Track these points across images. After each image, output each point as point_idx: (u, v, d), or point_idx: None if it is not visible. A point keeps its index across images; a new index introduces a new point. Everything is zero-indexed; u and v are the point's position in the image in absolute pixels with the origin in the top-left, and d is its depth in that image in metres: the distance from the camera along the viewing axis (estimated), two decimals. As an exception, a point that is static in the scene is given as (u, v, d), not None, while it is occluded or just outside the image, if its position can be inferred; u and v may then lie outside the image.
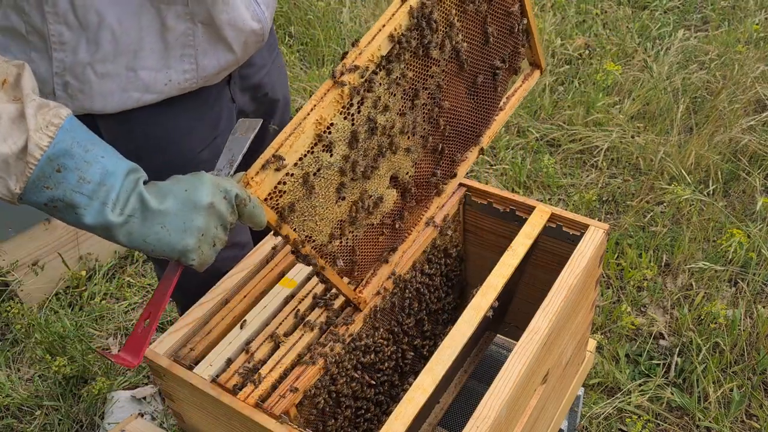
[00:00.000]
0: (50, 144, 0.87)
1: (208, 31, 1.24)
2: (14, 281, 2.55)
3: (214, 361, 1.25)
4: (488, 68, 1.38)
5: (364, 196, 1.22)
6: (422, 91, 1.23)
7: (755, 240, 2.61)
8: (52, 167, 0.88)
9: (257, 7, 1.31)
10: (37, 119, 0.87)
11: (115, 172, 0.91)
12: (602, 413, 2.15)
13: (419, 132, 1.27)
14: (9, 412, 2.32)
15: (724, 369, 2.26)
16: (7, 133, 0.85)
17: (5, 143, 0.85)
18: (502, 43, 1.39)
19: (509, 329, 1.83)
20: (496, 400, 1.17)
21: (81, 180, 0.89)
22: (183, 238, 0.95)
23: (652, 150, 3.06)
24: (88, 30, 1.14)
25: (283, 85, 1.61)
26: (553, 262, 1.52)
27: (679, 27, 3.86)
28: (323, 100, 1.07)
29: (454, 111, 1.35)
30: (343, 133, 1.11)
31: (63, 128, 0.88)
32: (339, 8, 4.12)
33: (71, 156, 0.88)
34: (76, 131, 0.90)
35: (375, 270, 1.37)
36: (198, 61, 1.25)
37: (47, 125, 0.87)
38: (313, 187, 1.10)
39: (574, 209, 2.85)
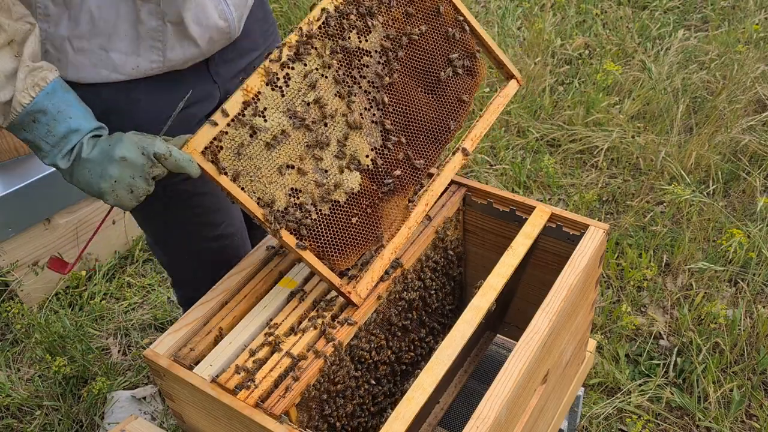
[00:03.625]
0: (30, 102, 1.16)
1: (177, 29, 1.33)
2: (14, 281, 2.55)
3: (214, 361, 1.26)
4: (439, 66, 1.49)
5: (320, 172, 1.33)
6: (361, 80, 1.37)
7: (755, 240, 2.61)
8: (29, 118, 1.18)
9: (225, 7, 1.38)
10: (26, 81, 1.16)
11: (79, 130, 1.20)
12: (602, 413, 2.15)
13: (366, 116, 1.39)
14: (9, 412, 2.32)
15: (724, 369, 2.26)
16: (2, 85, 1.15)
17: (1, 92, 1.15)
18: (442, 43, 1.49)
19: (509, 329, 1.83)
20: (496, 400, 1.17)
21: (48, 132, 1.19)
22: (99, 182, 1.20)
23: (652, 150, 3.06)
24: (71, 8, 1.26)
25: None
26: (553, 262, 1.52)
27: (679, 27, 3.86)
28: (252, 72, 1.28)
29: (411, 102, 1.44)
30: (273, 101, 1.29)
31: (45, 90, 1.17)
32: (339, 8, 4.12)
33: (45, 113, 1.17)
34: (55, 94, 1.18)
35: (362, 262, 1.37)
36: (165, 54, 1.35)
37: (33, 86, 1.16)
38: (248, 146, 1.27)
39: (574, 209, 2.85)
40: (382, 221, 1.40)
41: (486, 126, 1.53)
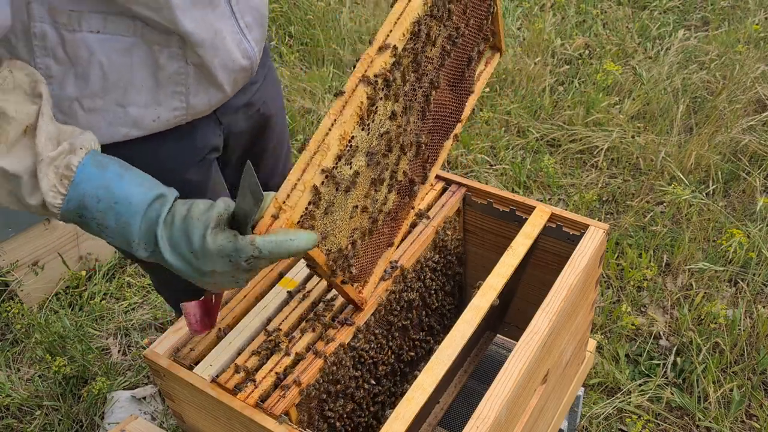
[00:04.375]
0: (63, 202, 0.97)
1: (200, 71, 1.25)
2: (14, 281, 2.55)
3: (214, 361, 1.25)
4: (467, 56, 1.38)
5: (374, 202, 1.22)
6: (419, 91, 1.23)
7: (755, 240, 2.61)
8: (73, 215, 0.99)
9: (248, 44, 1.31)
10: (49, 177, 0.95)
11: (130, 220, 0.98)
12: (602, 413, 2.15)
13: (415, 130, 1.27)
14: (9, 412, 2.32)
15: (724, 369, 2.26)
16: (31, 189, 0.96)
17: (32, 197, 0.97)
18: (478, 29, 1.39)
19: (509, 329, 1.83)
20: (496, 400, 1.17)
21: (100, 226, 0.99)
22: (194, 280, 1.01)
23: (652, 150, 3.06)
24: (78, 65, 1.14)
25: (276, 98, 1.60)
26: (553, 262, 1.52)
27: (679, 27, 3.86)
28: (343, 114, 1.06)
29: (439, 103, 1.35)
30: (362, 144, 1.10)
31: (74, 183, 0.96)
32: (339, 8, 4.12)
33: (85, 208, 0.97)
34: (86, 183, 0.97)
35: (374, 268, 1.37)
36: (188, 100, 1.26)
37: (60, 181, 0.96)
38: (335, 200, 1.09)
39: (574, 209, 2.85)
40: (400, 229, 1.39)
41: (472, 105, 1.47)
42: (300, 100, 3.51)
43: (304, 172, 1.03)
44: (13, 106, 0.95)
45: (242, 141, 1.55)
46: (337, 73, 3.76)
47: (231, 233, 0.96)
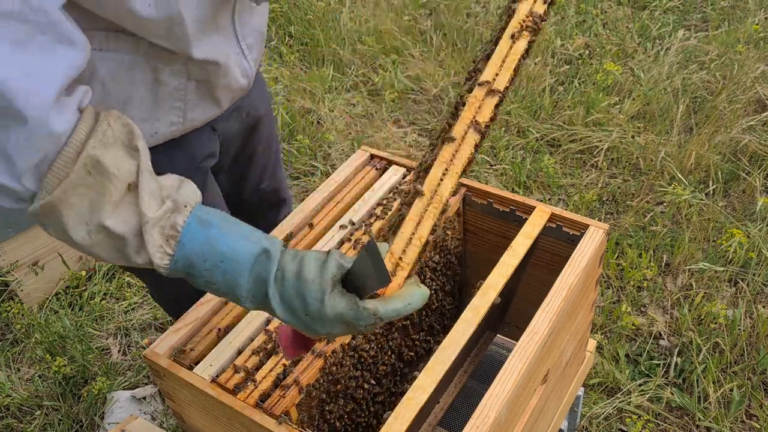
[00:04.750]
0: (171, 262, 0.95)
1: (201, 88, 1.26)
2: (14, 281, 2.55)
3: (214, 361, 1.25)
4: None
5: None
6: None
7: (755, 240, 2.61)
8: (181, 273, 0.97)
9: (247, 65, 1.33)
10: (155, 239, 0.93)
11: (237, 278, 0.95)
12: (602, 413, 2.15)
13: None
14: (9, 412, 2.32)
15: (724, 369, 2.26)
16: (137, 248, 0.94)
17: (139, 256, 0.94)
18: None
19: (509, 329, 1.83)
20: (496, 400, 1.17)
21: (208, 282, 0.97)
22: (306, 333, 0.98)
23: (652, 150, 3.06)
24: (80, 83, 1.15)
25: (264, 98, 1.62)
26: (553, 262, 1.52)
27: (679, 27, 3.86)
28: (453, 163, 1.05)
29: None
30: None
31: (180, 244, 0.94)
32: (339, 8, 4.12)
33: (192, 266, 0.95)
34: (192, 242, 0.95)
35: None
36: (186, 115, 1.27)
37: (166, 240, 0.94)
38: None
39: (574, 209, 2.85)
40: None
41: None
42: (300, 100, 3.51)
43: (418, 225, 1.01)
44: (115, 163, 0.91)
45: (234, 145, 1.56)
46: (337, 74, 3.76)
47: (351, 301, 0.93)
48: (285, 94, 3.58)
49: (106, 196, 0.91)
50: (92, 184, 0.89)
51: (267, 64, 3.77)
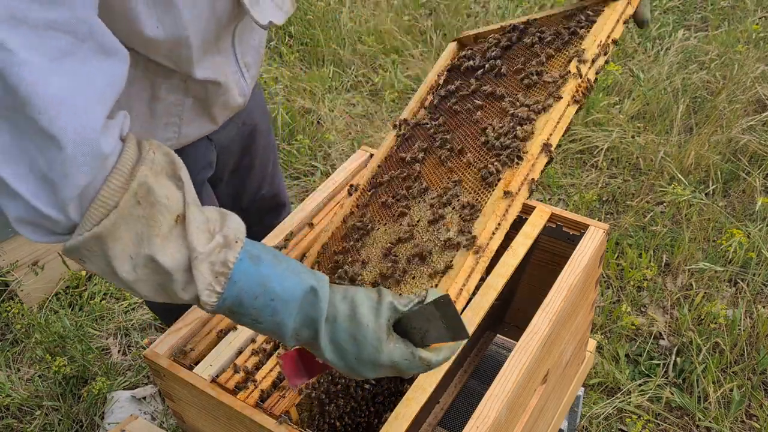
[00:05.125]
0: (219, 300, 0.90)
1: (197, 104, 1.25)
2: (14, 281, 2.55)
3: (214, 361, 1.25)
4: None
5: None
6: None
7: (755, 240, 2.61)
8: (225, 311, 0.92)
9: (244, 83, 1.32)
10: (204, 275, 0.88)
11: (285, 318, 0.91)
12: (602, 413, 2.15)
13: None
14: (9, 412, 2.32)
15: (724, 369, 2.26)
16: (184, 284, 0.89)
17: (185, 292, 0.89)
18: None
19: (509, 329, 1.83)
20: (496, 400, 1.17)
21: (254, 321, 0.92)
22: (354, 377, 0.96)
23: (652, 150, 3.06)
24: None
25: (260, 107, 1.61)
26: (553, 262, 1.52)
27: (678, 27, 3.86)
28: (506, 218, 1.13)
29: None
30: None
31: (231, 281, 0.89)
32: (339, 8, 4.12)
33: (241, 305, 0.90)
34: (243, 280, 0.90)
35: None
36: (181, 130, 1.26)
37: (215, 278, 0.89)
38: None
39: (574, 209, 2.85)
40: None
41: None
42: (300, 100, 3.51)
43: (469, 278, 1.06)
44: (165, 192, 0.87)
45: (232, 155, 1.55)
46: (337, 74, 3.76)
47: (408, 350, 0.92)
48: (285, 94, 3.58)
49: (155, 228, 0.86)
50: (141, 215, 0.85)
51: (267, 64, 3.77)
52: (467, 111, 1.34)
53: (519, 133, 1.19)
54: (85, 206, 0.83)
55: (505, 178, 1.15)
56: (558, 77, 1.23)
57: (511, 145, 1.18)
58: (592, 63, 1.24)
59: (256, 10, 1.10)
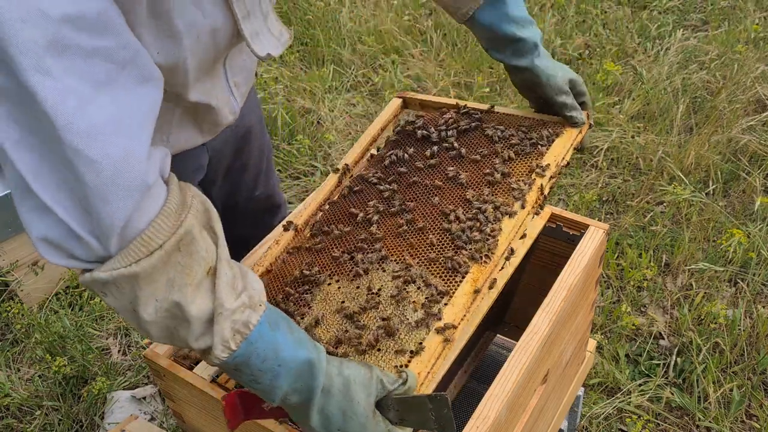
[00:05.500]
0: (230, 356, 0.91)
1: (187, 117, 1.25)
2: (14, 281, 2.55)
3: (214, 361, 1.25)
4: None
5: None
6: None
7: (755, 240, 2.61)
8: (228, 366, 0.92)
9: (234, 102, 1.32)
10: (224, 331, 0.89)
11: (282, 382, 0.93)
12: (602, 413, 2.15)
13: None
14: (9, 412, 2.32)
15: (724, 369, 2.26)
16: (199, 335, 0.90)
17: (197, 342, 0.90)
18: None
19: (509, 329, 1.83)
20: (496, 400, 1.17)
21: (252, 380, 0.94)
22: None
23: (652, 150, 3.06)
24: None
25: (254, 109, 1.61)
26: (553, 262, 1.52)
27: (678, 27, 3.86)
28: (476, 311, 1.18)
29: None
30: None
31: (248, 341, 0.91)
32: (339, 8, 4.12)
33: (247, 365, 0.92)
34: (259, 342, 0.91)
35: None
36: (170, 139, 1.26)
37: (233, 335, 0.90)
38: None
39: (574, 209, 2.85)
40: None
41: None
42: (300, 100, 3.51)
43: (436, 362, 1.10)
44: (204, 245, 0.88)
45: (226, 157, 1.55)
46: (338, 71, 3.76)
47: (386, 428, 0.98)
48: (285, 94, 3.58)
49: (189, 277, 0.87)
50: (179, 262, 0.85)
51: (267, 65, 3.77)
52: (425, 187, 1.37)
53: (489, 230, 1.25)
54: (126, 241, 0.83)
55: (473, 273, 1.20)
56: (523, 186, 1.31)
57: (479, 241, 1.23)
58: (549, 179, 1.34)
59: (256, 43, 1.12)
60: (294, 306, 1.24)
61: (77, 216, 0.80)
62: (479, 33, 1.40)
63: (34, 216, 0.81)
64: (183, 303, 0.87)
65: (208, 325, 0.89)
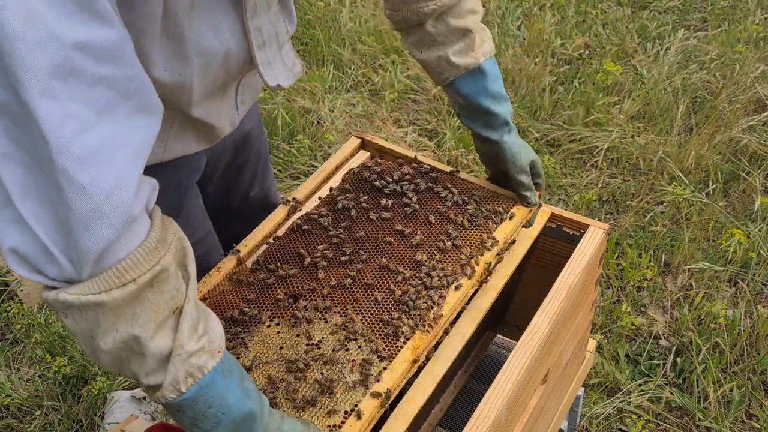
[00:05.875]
0: (176, 398, 0.90)
1: (186, 126, 1.25)
2: (14, 281, 2.55)
3: (214, 361, 1.25)
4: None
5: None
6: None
7: (755, 240, 2.61)
8: (171, 407, 0.92)
9: (236, 116, 1.32)
10: (178, 373, 0.89)
11: (222, 429, 0.94)
12: (602, 413, 2.15)
13: None
14: (9, 412, 2.32)
15: (724, 369, 2.26)
16: (152, 370, 0.89)
17: (147, 378, 0.90)
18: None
19: (509, 329, 1.83)
20: (496, 400, 1.17)
21: (193, 424, 0.93)
22: None
23: (652, 150, 3.06)
24: None
25: (253, 112, 1.60)
26: (553, 262, 1.52)
27: (678, 27, 3.86)
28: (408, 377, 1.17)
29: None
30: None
31: (199, 386, 0.90)
32: (339, 8, 4.12)
33: (191, 408, 0.91)
34: (209, 388, 0.91)
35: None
36: (167, 145, 1.25)
37: (185, 378, 0.89)
38: None
39: (574, 209, 2.85)
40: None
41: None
42: (300, 100, 3.51)
43: (370, 424, 1.10)
44: (175, 284, 0.88)
45: (224, 159, 1.55)
46: (338, 71, 3.76)
47: None
48: (285, 94, 3.58)
49: (155, 313, 0.87)
50: (149, 298, 0.86)
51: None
52: (376, 241, 1.35)
53: (436, 298, 1.24)
54: (100, 269, 0.82)
55: (414, 341, 1.18)
56: (472, 260, 1.31)
57: (423, 309, 1.22)
58: (496, 255, 1.34)
59: (267, 73, 1.12)
60: (230, 342, 1.22)
61: (54, 237, 0.80)
62: (455, 98, 1.40)
63: (8, 227, 0.80)
64: (143, 338, 0.86)
65: (162, 363, 0.89)
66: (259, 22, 1.08)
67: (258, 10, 1.07)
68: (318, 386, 1.12)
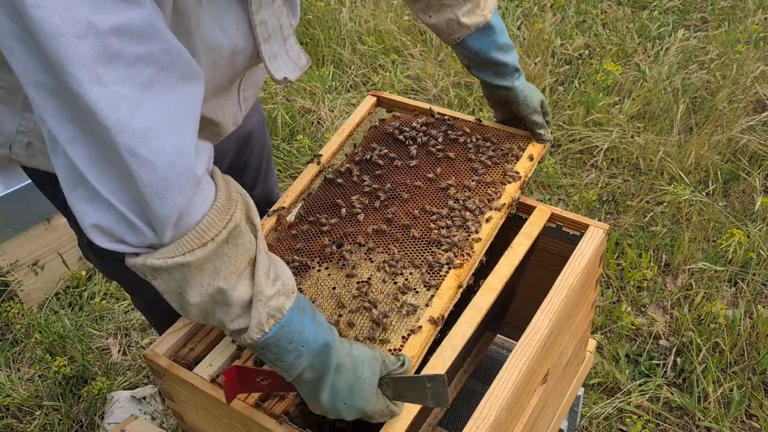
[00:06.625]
0: (261, 337, 0.98)
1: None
2: (14, 281, 2.55)
3: (214, 361, 1.26)
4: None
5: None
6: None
7: (755, 240, 2.61)
8: (258, 346, 1.00)
9: (240, 114, 1.34)
10: (260, 315, 0.97)
11: (303, 362, 1.01)
12: (602, 413, 2.15)
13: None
14: (9, 412, 2.32)
15: (724, 369, 2.26)
16: (237, 316, 0.98)
17: (233, 323, 0.99)
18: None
19: (509, 329, 1.83)
20: (496, 400, 1.17)
21: (277, 359, 1.02)
22: (332, 416, 1.09)
23: (652, 150, 3.06)
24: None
25: (255, 111, 1.61)
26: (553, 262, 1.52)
27: (678, 27, 3.86)
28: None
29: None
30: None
31: (279, 324, 0.99)
32: (339, 8, 4.12)
33: (276, 345, 1.00)
34: (288, 326, 1.00)
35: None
36: None
37: (267, 319, 0.98)
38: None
39: (574, 209, 2.85)
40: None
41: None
42: (300, 100, 3.51)
43: (426, 345, 1.19)
44: (248, 237, 0.97)
45: (226, 158, 1.56)
46: (338, 71, 3.76)
47: (385, 404, 1.08)
48: (285, 94, 3.58)
49: (234, 266, 0.95)
50: (226, 252, 0.93)
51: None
52: (406, 187, 1.45)
53: (471, 230, 1.35)
54: (180, 233, 0.89)
55: (456, 268, 1.29)
56: (499, 190, 1.43)
57: (459, 240, 1.33)
58: (519, 187, 1.45)
59: (274, 67, 1.15)
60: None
61: (133, 208, 0.86)
62: (465, 55, 1.49)
63: (87, 205, 0.87)
64: (227, 289, 0.94)
65: (245, 309, 0.97)
66: (263, 16, 1.10)
67: (263, 4, 1.09)
68: (374, 318, 1.21)
